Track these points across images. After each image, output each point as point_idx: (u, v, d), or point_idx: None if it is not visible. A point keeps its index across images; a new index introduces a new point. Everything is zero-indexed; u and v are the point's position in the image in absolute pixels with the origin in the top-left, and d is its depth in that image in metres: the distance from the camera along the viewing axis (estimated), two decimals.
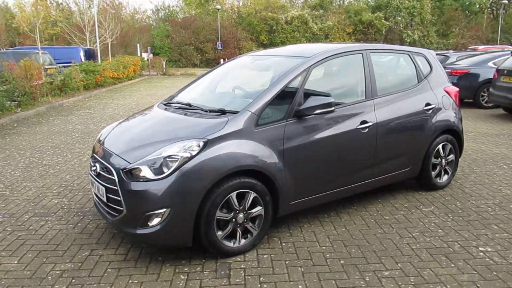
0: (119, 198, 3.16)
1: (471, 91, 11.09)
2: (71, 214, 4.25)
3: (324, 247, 3.47)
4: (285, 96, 3.58)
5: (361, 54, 4.13)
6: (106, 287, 2.93)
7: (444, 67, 6.11)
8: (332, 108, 3.57)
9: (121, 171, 3.17)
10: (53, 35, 42.33)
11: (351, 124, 3.86)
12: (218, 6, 38.94)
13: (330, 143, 3.74)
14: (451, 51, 16.74)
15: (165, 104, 4.18)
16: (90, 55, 22.23)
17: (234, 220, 3.27)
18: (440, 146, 4.68)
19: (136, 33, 42.32)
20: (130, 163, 3.16)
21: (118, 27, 42.27)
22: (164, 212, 3.03)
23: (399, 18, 40.43)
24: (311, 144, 3.62)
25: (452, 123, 4.73)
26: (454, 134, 4.81)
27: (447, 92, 4.79)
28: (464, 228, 3.81)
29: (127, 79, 22.05)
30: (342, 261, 3.24)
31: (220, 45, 37.86)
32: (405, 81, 4.57)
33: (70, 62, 16.74)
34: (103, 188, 3.34)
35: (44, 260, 3.32)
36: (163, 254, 3.37)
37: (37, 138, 8.05)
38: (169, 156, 3.08)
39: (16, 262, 3.29)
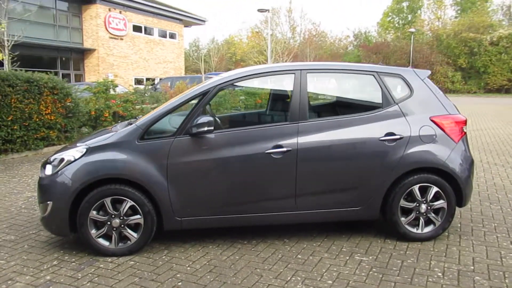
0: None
1: None
2: None
3: (188, 268, 3.40)
4: (183, 113, 3.68)
5: (293, 75, 3.81)
6: (5, 256, 3.68)
7: None
8: (211, 128, 3.49)
9: (41, 166, 3.91)
10: (258, 62, 48.31)
11: (259, 148, 3.63)
12: (412, 29, 37.01)
13: (227, 164, 3.62)
14: None
15: None
16: None
17: (109, 223, 3.58)
18: (416, 188, 3.79)
19: (328, 58, 44.15)
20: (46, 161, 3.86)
21: (313, 53, 45.05)
22: (49, 204, 3.60)
23: None
24: (203, 163, 3.61)
25: (436, 160, 3.77)
26: (444, 176, 3.81)
27: (435, 123, 3.84)
28: (372, 286, 3.08)
29: None
30: (179, 283, 3.15)
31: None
32: (358, 106, 3.92)
33: None
34: None
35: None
36: (72, 244, 3.91)
37: None
38: (62, 159, 3.65)
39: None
